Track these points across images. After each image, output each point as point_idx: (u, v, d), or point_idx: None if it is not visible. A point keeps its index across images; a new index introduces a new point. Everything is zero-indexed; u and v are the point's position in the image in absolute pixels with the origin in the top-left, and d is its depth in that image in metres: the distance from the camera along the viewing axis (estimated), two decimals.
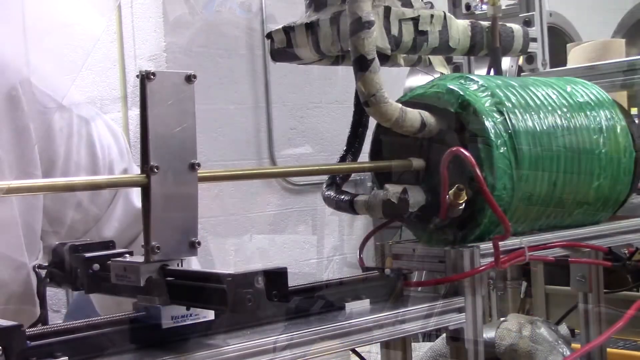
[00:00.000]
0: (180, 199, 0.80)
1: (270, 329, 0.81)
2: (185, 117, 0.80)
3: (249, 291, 0.71)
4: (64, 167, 1.25)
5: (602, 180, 1.11)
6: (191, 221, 0.81)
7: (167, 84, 0.79)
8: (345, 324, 0.84)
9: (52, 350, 0.71)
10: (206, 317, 0.79)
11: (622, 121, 1.15)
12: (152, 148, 0.78)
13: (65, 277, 0.89)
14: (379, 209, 0.99)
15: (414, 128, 0.99)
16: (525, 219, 1.05)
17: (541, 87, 1.09)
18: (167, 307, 0.77)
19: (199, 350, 0.75)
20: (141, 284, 0.79)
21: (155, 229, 0.78)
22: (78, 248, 0.89)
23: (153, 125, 0.78)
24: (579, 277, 1.48)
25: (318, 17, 1.03)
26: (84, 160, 1.27)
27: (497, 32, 1.17)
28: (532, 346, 1.40)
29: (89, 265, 0.87)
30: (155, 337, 0.77)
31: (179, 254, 0.80)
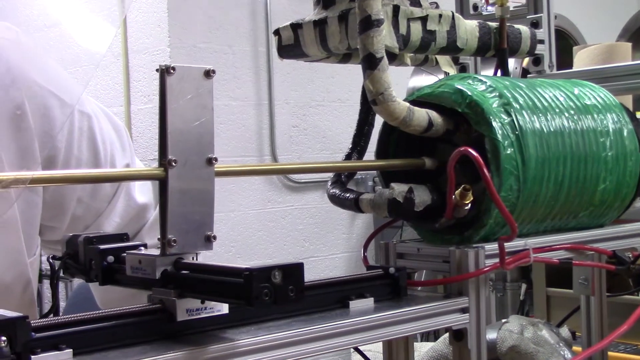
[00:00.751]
0: (196, 193, 0.80)
1: (274, 326, 0.81)
2: (204, 111, 0.80)
3: (267, 286, 0.71)
4: (64, 163, 1.24)
5: (607, 183, 1.11)
6: (207, 215, 0.81)
7: (187, 79, 0.79)
8: (349, 322, 0.84)
9: (56, 342, 0.70)
10: (220, 311, 0.79)
11: (629, 124, 1.15)
12: (170, 142, 0.78)
13: (79, 269, 0.90)
14: (385, 208, 0.99)
15: (421, 127, 0.99)
16: (530, 221, 1.05)
17: (549, 88, 1.09)
18: (182, 300, 0.77)
19: (214, 343, 0.75)
20: (157, 276, 0.79)
21: (171, 223, 0.79)
22: (92, 240, 0.89)
23: (172, 119, 0.78)
24: (581, 279, 1.48)
25: (326, 15, 1.03)
26: (85, 155, 1.27)
27: (504, 33, 1.17)
28: (533, 348, 1.40)
29: (104, 257, 0.87)
30: (169, 329, 0.77)
31: (195, 248, 0.81)
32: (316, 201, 4.07)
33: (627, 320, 1.05)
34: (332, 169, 1.08)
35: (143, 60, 3.78)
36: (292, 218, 4.03)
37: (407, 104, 0.98)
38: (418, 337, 2.33)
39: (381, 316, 0.86)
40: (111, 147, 1.32)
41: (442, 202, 0.98)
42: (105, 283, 0.88)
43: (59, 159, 1.23)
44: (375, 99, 0.95)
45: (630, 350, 1.78)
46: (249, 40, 3.89)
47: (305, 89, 4.06)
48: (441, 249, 0.98)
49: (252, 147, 3.82)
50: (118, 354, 0.72)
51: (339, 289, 0.91)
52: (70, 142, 1.25)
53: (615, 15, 4.60)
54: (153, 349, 0.74)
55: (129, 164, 1.34)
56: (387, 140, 1.09)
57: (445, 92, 1.03)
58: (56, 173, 0.93)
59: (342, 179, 1.10)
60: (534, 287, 2.10)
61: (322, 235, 4.14)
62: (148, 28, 3.74)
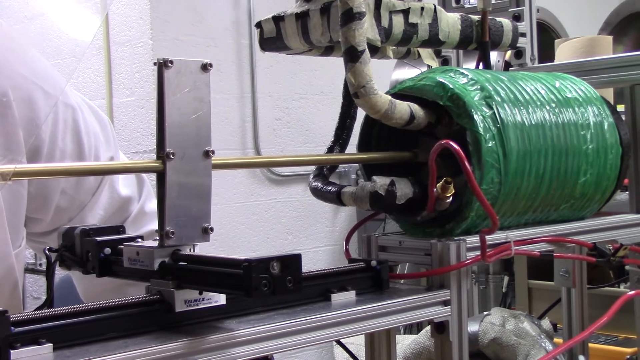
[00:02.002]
0: (194, 185, 0.81)
1: (256, 319, 0.81)
2: (201, 104, 0.81)
3: (265, 276, 0.72)
4: (48, 155, 1.23)
5: (588, 176, 1.11)
6: (204, 207, 0.82)
7: (184, 72, 0.80)
8: (331, 314, 0.84)
9: (36, 336, 0.70)
10: (218, 302, 0.80)
11: (610, 117, 1.16)
12: (168, 135, 0.79)
13: (75, 261, 0.90)
14: (367, 201, 0.99)
15: (402, 120, 0.99)
16: (511, 214, 1.05)
17: (530, 81, 1.10)
18: (180, 291, 0.78)
19: (212, 333, 0.76)
20: (154, 268, 0.80)
21: (169, 215, 0.80)
22: (89, 232, 0.90)
23: (169, 112, 0.79)
24: (562, 272, 1.49)
25: (308, 8, 1.03)
26: (69, 147, 1.26)
27: (486, 26, 1.17)
28: (515, 340, 1.40)
29: (101, 249, 0.88)
30: (168, 320, 0.78)
31: (192, 240, 0.82)
32: (299, 194, 4.06)
33: (608, 312, 1.05)
34: (321, 162, 1.08)
35: (125, 52, 3.76)
36: (275, 211, 4.02)
37: (388, 97, 0.98)
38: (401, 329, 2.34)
39: (363, 309, 0.86)
40: (95, 140, 1.31)
41: (423, 195, 0.98)
42: (103, 275, 0.89)
43: (43, 151, 1.23)
44: (357, 91, 0.95)
45: (611, 342, 1.80)
46: (231, 33, 3.88)
47: (288, 82, 4.05)
48: (423, 242, 0.99)
49: (235, 140, 3.81)
50: (99, 347, 0.72)
51: (321, 282, 0.91)
52: (54, 133, 1.24)
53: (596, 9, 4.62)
54: (153, 340, 0.74)
55: (112, 156, 1.34)
56: (369, 133, 1.09)
57: (427, 85, 1.03)
58: (53, 165, 0.93)
59: (324, 172, 1.10)
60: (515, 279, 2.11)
61: (305, 228, 4.14)
62: (130, 20, 3.72)
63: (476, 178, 0.96)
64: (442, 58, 1.40)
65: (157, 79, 0.79)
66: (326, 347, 3.63)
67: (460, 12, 1.18)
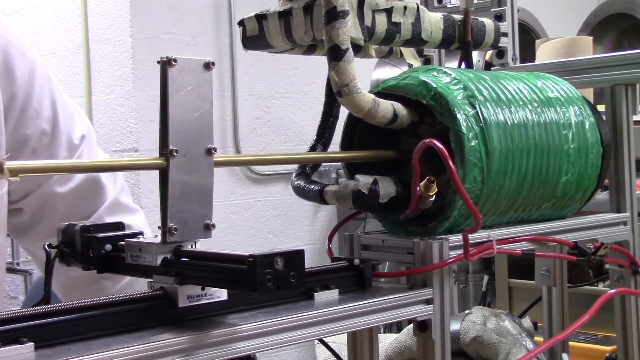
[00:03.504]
0: (196, 182, 0.82)
1: (239, 318, 0.81)
2: (203, 103, 0.82)
3: (270, 272, 0.73)
4: (21, 110, 1.22)
5: (570, 175, 1.12)
6: (206, 204, 0.83)
7: (187, 70, 0.80)
8: (313, 313, 0.84)
9: (17, 335, 0.70)
10: (220, 297, 0.81)
11: (591, 117, 1.16)
12: (171, 132, 0.80)
13: (75, 257, 0.90)
14: (349, 200, 0.99)
15: (386, 119, 0.99)
16: (494, 212, 1.05)
17: (512, 81, 1.10)
18: (183, 286, 0.79)
19: (215, 328, 0.76)
20: (157, 264, 0.81)
21: (172, 211, 0.80)
22: (89, 229, 0.90)
23: (173, 109, 0.80)
24: (543, 271, 1.49)
25: (291, 6, 1.03)
26: (45, 111, 1.25)
27: (469, 26, 1.17)
28: (496, 338, 1.41)
29: (102, 246, 0.89)
30: (171, 315, 0.79)
31: (195, 236, 0.82)
32: (279, 193, 4.06)
33: (588, 311, 1.06)
34: (306, 160, 1.08)
35: (104, 50, 3.74)
36: (255, 210, 4.02)
37: (372, 95, 0.98)
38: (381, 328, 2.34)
39: (345, 307, 0.87)
40: (70, 119, 1.30)
41: (406, 193, 0.98)
42: (104, 271, 0.89)
43: (17, 104, 1.21)
44: (340, 90, 0.95)
45: (591, 340, 1.81)
46: (212, 32, 3.87)
47: (268, 81, 4.05)
48: (405, 241, 0.99)
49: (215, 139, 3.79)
50: (81, 346, 0.72)
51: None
52: (29, 93, 1.23)
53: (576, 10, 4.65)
54: (156, 335, 0.75)
55: (84, 135, 1.32)
56: (352, 132, 1.09)
57: (410, 84, 1.03)
58: (54, 162, 0.95)
59: (306, 170, 1.10)
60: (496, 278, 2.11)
61: (286, 227, 4.13)
62: (109, 18, 3.70)
63: (459, 177, 0.96)
64: (424, 57, 1.40)
65: (161, 77, 0.80)
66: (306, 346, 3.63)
67: (442, 11, 1.18)
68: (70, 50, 3.89)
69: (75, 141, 1.30)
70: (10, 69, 1.20)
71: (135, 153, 3.64)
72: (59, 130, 1.27)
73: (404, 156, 1.03)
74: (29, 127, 1.23)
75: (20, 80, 1.21)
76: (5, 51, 1.19)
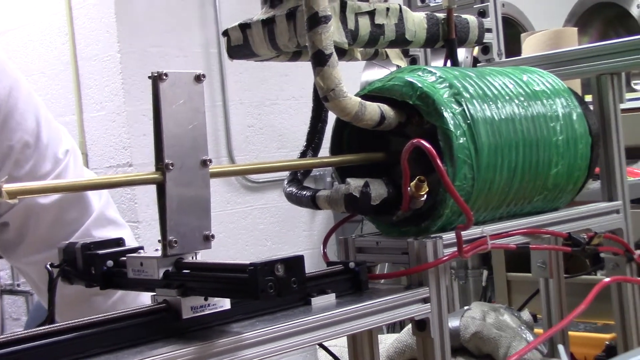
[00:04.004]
0: (193, 194, 0.82)
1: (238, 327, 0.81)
2: (196, 115, 0.82)
3: (271, 279, 0.73)
4: (3, 122, 1.24)
5: (560, 167, 1.12)
6: (204, 215, 0.83)
7: (178, 84, 0.81)
8: (311, 319, 0.84)
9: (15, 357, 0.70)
10: (223, 307, 0.81)
11: (578, 108, 1.17)
12: (166, 146, 0.80)
13: (78, 275, 0.91)
14: (342, 204, 0.99)
15: (373, 122, 0.99)
16: (486, 208, 1.06)
17: (498, 76, 1.10)
18: (186, 298, 0.79)
19: (219, 338, 0.77)
20: (159, 277, 0.81)
21: (170, 225, 0.81)
22: (90, 246, 0.91)
23: (166, 123, 0.80)
24: (539, 263, 1.50)
25: (274, 14, 1.03)
26: (29, 124, 1.27)
27: (452, 24, 1.17)
28: (496, 333, 1.41)
29: (103, 262, 0.89)
30: (176, 327, 0.79)
31: (195, 248, 0.83)
32: (275, 200, 4.06)
33: (585, 300, 1.06)
34: (300, 167, 1.08)
35: (93, 67, 3.74)
36: (252, 218, 4.02)
37: (358, 99, 0.98)
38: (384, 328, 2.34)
39: (343, 311, 0.87)
40: (55, 130, 1.32)
41: (398, 194, 0.99)
42: (107, 287, 0.90)
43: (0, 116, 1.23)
44: (326, 95, 0.95)
45: (590, 329, 1.81)
46: (199, 42, 3.87)
47: (258, 89, 4.05)
48: (399, 241, 0.99)
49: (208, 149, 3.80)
50: None
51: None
52: (11, 106, 1.25)
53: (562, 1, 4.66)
54: (162, 347, 0.75)
55: (68, 150, 1.33)
56: (340, 136, 1.09)
57: (396, 85, 1.03)
58: (52, 183, 0.95)
59: (298, 176, 1.10)
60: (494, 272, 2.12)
61: (284, 234, 4.13)
62: (96, 34, 3.70)
63: (449, 175, 0.96)
64: (410, 57, 1.41)
65: (153, 92, 0.80)
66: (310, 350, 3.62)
67: (425, 10, 1.19)
68: (59, 69, 3.89)
69: (59, 155, 1.31)
70: None
71: (129, 168, 3.64)
72: (42, 143, 1.29)
73: (394, 157, 1.03)
74: (12, 139, 1.26)
75: (1, 94, 1.24)
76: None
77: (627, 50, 1.29)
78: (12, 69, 1.28)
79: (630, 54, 1.28)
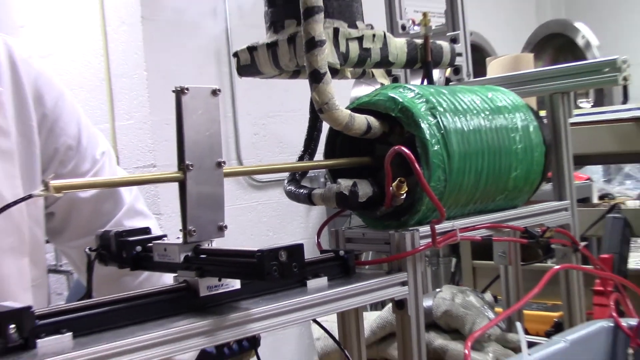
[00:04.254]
0: (210, 190, 0.82)
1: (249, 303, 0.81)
2: (213, 124, 0.81)
3: (275, 263, 0.73)
4: (50, 128, 1.24)
5: (518, 171, 1.12)
6: (219, 209, 0.83)
7: (197, 97, 0.80)
8: (307, 298, 0.83)
9: (58, 327, 0.70)
10: (234, 287, 0.81)
11: (534, 121, 1.16)
12: (187, 150, 0.80)
13: (112, 258, 0.90)
14: (334, 200, 0.98)
15: (361, 131, 0.99)
16: (456, 206, 1.05)
17: (467, 94, 1.10)
18: (203, 279, 0.79)
19: (231, 313, 0.77)
20: (180, 260, 0.81)
21: (190, 216, 0.80)
22: (122, 234, 0.90)
23: (187, 130, 0.79)
24: (500, 252, 1.49)
25: (277, 38, 1.02)
26: (71, 129, 1.27)
27: (429, 49, 1.17)
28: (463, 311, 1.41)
29: (133, 247, 0.89)
30: (195, 304, 0.79)
31: (210, 236, 0.82)
32: (277, 197, 4.05)
33: (538, 284, 1.06)
34: (296, 169, 1.08)
35: (124, 83, 3.73)
36: (257, 212, 4.01)
37: (348, 111, 0.97)
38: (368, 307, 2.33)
39: (334, 292, 0.86)
40: (93, 135, 1.32)
41: (381, 193, 0.98)
42: (136, 268, 0.90)
43: (47, 123, 1.24)
44: (321, 107, 0.94)
45: (542, 308, 1.80)
46: (213, 63, 3.86)
47: (264, 102, 4.04)
48: (382, 233, 0.98)
49: None
50: (111, 335, 0.71)
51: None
52: (57, 114, 1.25)
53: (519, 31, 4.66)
54: (182, 320, 0.75)
55: (104, 152, 1.33)
56: (333, 143, 1.08)
57: (381, 100, 1.02)
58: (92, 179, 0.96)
59: (296, 177, 1.10)
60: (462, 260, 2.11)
61: (283, 226, 4.12)
62: (127, 55, 3.69)
63: (425, 177, 0.95)
64: (392, 76, 1.40)
65: (176, 104, 0.79)
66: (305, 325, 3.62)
67: (406, 37, 1.18)
68: (95, 84, 3.88)
69: (97, 156, 1.31)
70: (40, 95, 1.23)
71: (153, 168, 3.63)
72: (83, 146, 1.29)
73: (378, 161, 1.02)
74: (57, 142, 1.25)
75: (49, 104, 1.24)
76: (36, 82, 1.23)
77: (574, 73, 1.29)
78: (57, 83, 1.28)
79: (576, 76, 1.28)
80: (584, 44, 3.82)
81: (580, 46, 3.82)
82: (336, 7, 1.01)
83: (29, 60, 1.24)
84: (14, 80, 1.20)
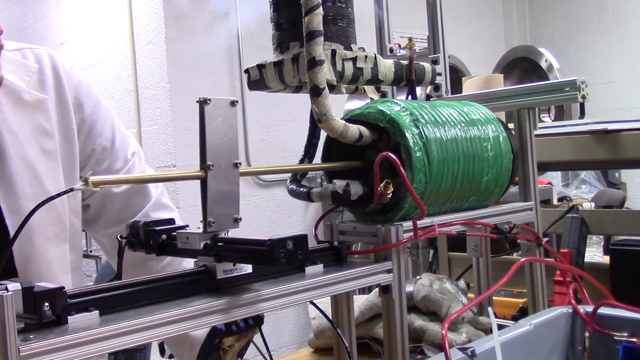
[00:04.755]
0: (227, 187, 0.82)
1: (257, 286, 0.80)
2: (230, 130, 0.81)
3: (283, 251, 0.73)
4: (87, 132, 1.23)
5: (489, 175, 1.11)
6: (234, 204, 0.83)
7: (218, 107, 0.80)
8: (305, 282, 0.83)
9: (87, 305, 0.69)
10: (246, 271, 0.81)
11: (504, 132, 1.16)
12: (208, 152, 0.80)
13: (140, 244, 0.90)
14: (329, 198, 0.98)
15: (354, 138, 0.98)
16: (435, 204, 1.05)
17: (445, 108, 1.10)
18: (220, 264, 0.79)
19: (244, 293, 0.77)
20: (200, 247, 0.81)
21: (210, 209, 0.80)
22: (149, 224, 0.90)
23: (209, 135, 0.79)
24: (473, 246, 1.49)
25: (283, 57, 1.02)
26: (106, 133, 1.26)
27: (413, 69, 1.17)
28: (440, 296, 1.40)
29: (159, 236, 0.89)
30: (212, 285, 0.79)
31: (227, 227, 0.82)
32: (279, 195, 4.05)
33: (506, 274, 1.05)
34: (299, 170, 1.07)
35: (149, 94, 3.72)
36: (262, 208, 4.00)
37: (343, 121, 0.97)
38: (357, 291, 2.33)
39: (328, 277, 0.86)
40: (125, 137, 1.32)
41: (370, 192, 0.98)
42: (161, 254, 0.89)
43: (85, 127, 1.23)
44: (320, 118, 0.94)
45: (509, 295, 1.80)
46: (227, 77, 3.86)
47: (270, 113, 4.03)
48: (371, 227, 0.98)
49: None
50: (134, 313, 0.71)
51: None
52: (94, 119, 1.25)
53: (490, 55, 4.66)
54: (202, 299, 0.75)
55: (134, 152, 1.32)
56: (329, 148, 1.08)
57: (371, 112, 1.02)
58: (125, 176, 0.99)
59: (297, 177, 1.09)
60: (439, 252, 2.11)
61: (285, 220, 4.12)
62: (152, 70, 3.69)
63: (409, 179, 0.95)
64: (381, 92, 1.40)
65: (199, 112, 0.79)
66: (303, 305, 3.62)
67: (393, 58, 1.18)
68: (125, 95, 3.87)
69: (128, 156, 1.31)
70: (80, 102, 1.23)
71: (173, 168, 3.63)
72: (116, 147, 1.28)
73: (368, 165, 1.02)
74: (94, 144, 1.25)
75: (87, 110, 1.24)
76: (77, 89, 1.23)
77: (539, 91, 1.28)
78: (95, 92, 1.28)
79: (541, 94, 1.28)
80: (547, 66, 3.82)
81: (543, 68, 3.82)
82: (334, 31, 1.01)
83: (71, 72, 1.24)
84: (58, 89, 1.20)
